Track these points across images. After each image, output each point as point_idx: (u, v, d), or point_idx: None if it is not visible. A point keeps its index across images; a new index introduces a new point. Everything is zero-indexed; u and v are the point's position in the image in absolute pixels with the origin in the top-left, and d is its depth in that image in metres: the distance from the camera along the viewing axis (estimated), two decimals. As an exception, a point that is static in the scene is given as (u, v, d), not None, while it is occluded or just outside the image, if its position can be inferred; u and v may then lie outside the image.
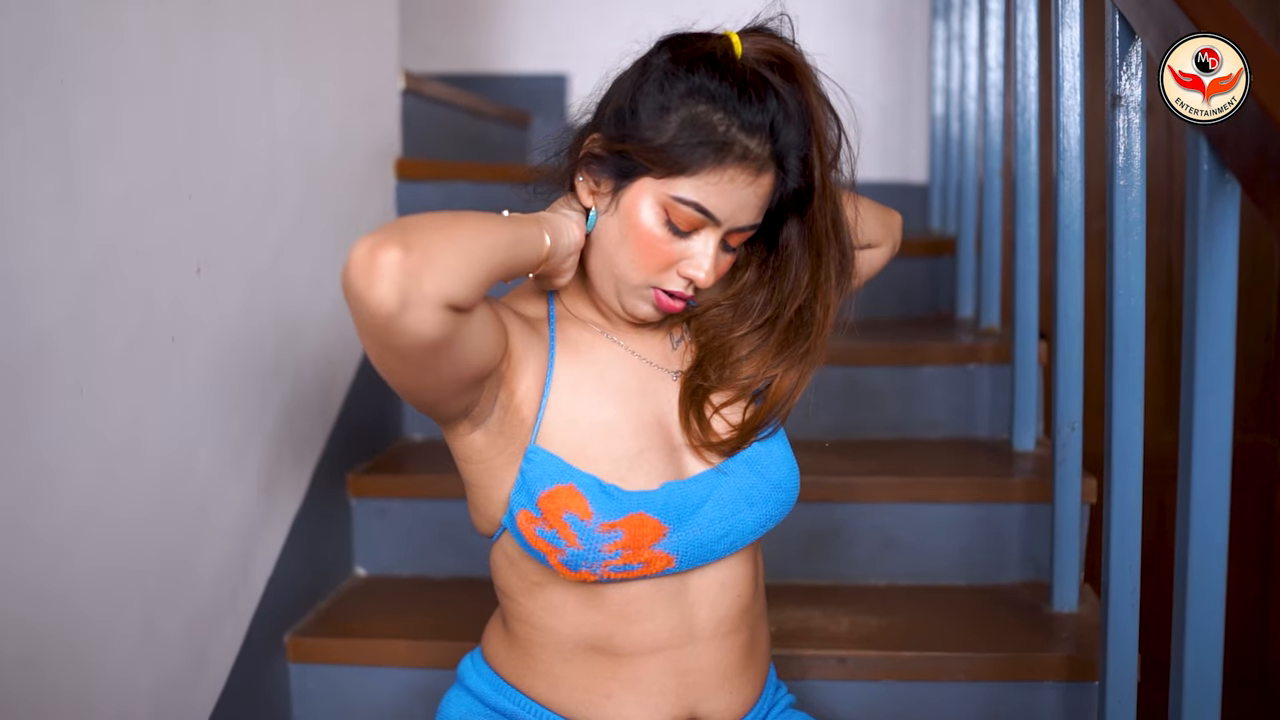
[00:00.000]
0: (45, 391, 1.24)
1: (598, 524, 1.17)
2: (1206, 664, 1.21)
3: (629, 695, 1.25)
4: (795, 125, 1.15)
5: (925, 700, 1.71)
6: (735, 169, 1.14)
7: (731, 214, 1.16)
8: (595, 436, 1.20)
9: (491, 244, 1.05)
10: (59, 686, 1.28)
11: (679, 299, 1.20)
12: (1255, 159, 1.03)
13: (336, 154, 2.05)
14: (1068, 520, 1.79)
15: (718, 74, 1.14)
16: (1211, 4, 1.18)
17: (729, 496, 1.23)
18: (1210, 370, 1.17)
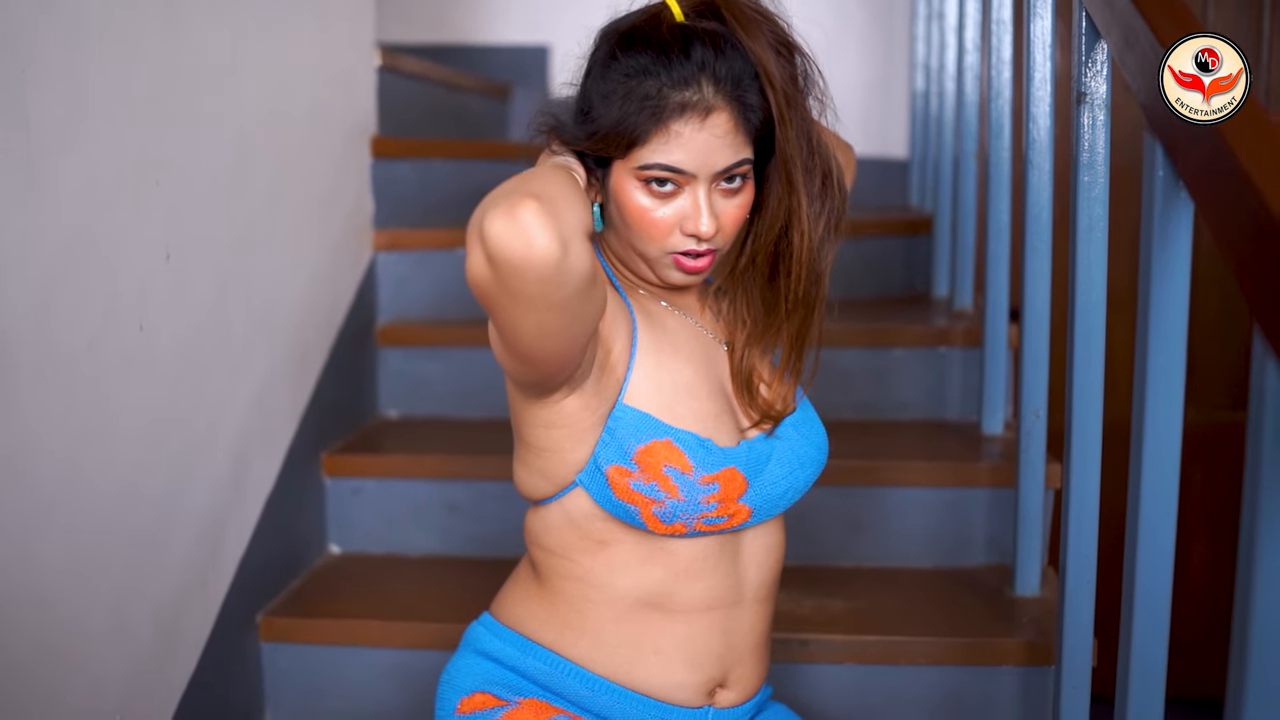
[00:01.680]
0: (10, 384, 1.25)
1: (698, 476, 1.22)
2: (1152, 643, 1.25)
3: (678, 654, 1.29)
4: (732, 61, 1.19)
5: (886, 683, 1.74)
6: (679, 123, 1.18)
7: (701, 162, 1.20)
8: (678, 397, 1.25)
9: (568, 181, 1.12)
10: (28, 672, 1.30)
11: (699, 256, 1.24)
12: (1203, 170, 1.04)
13: (310, 134, 2.05)
14: (1031, 506, 1.82)
15: (643, 46, 1.19)
16: (1172, 11, 1.19)
17: (787, 456, 1.30)
18: (1161, 372, 1.19)
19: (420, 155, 2.47)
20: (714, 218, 1.21)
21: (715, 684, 1.32)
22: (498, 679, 1.33)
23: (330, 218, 2.14)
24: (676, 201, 1.21)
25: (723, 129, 1.19)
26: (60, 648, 1.35)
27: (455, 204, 2.57)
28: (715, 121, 1.19)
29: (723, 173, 1.21)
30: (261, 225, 1.84)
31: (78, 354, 1.37)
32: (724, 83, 1.18)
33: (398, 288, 2.38)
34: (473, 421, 2.31)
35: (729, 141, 1.20)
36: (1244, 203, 0.91)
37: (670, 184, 1.20)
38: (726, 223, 1.23)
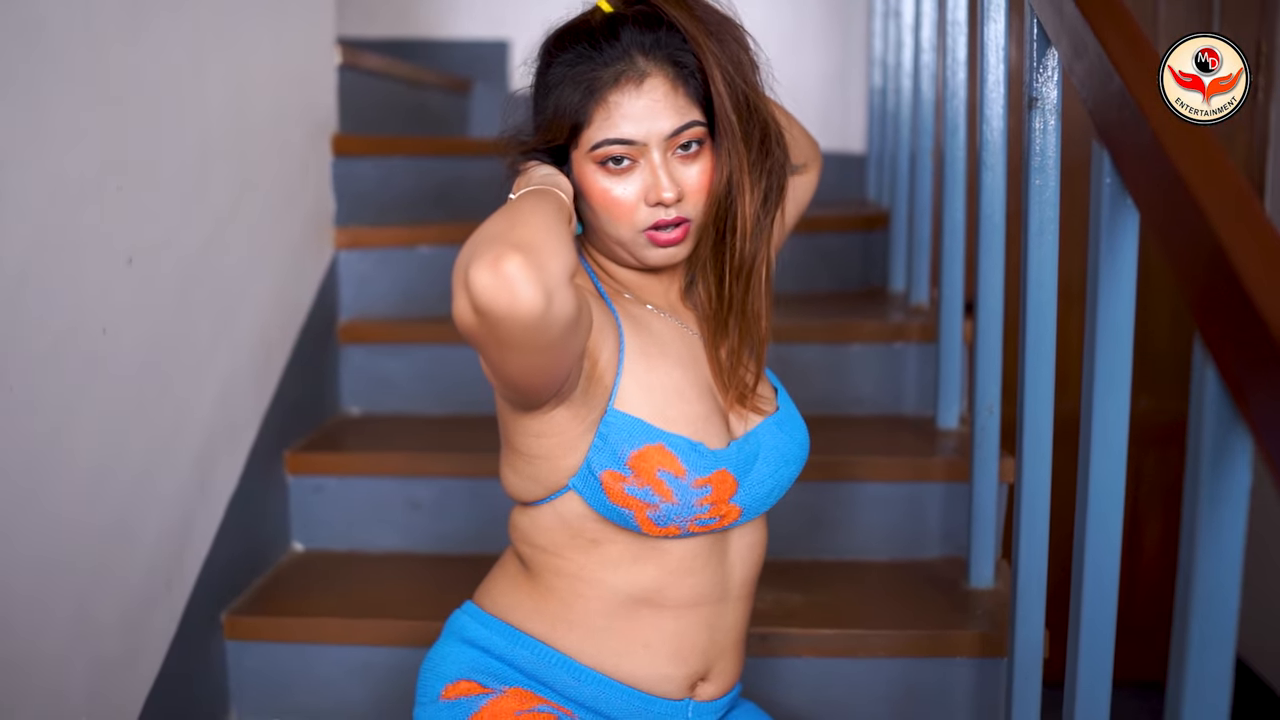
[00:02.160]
0: (-26, 391, 1.25)
1: (691, 480, 1.25)
2: (1100, 628, 1.28)
3: (665, 647, 1.32)
4: (660, 33, 1.24)
5: (843, 676, 1.77)
6: (615, 94, 1.23)
7: (647, 129, 1.24)
8: (669, 400, 1.27)
9: (554, 213, 1.12)
10: None
11: (670, 226, 1.26)
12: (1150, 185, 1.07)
13: (271, 133, 2.06)
14: (984, 501, 1.85)
15: (575, 39, 1.26)
16: (1119, 23, 1.22)
17: (772, 454, 1.33)
18: (1108, 371, 1.22)
19: (381, 153, 2.48)
20: (675, 183, 1.24)
21: (698, 677, 1.35)
22: (483, 667, 1.34)
23: (292, 217, 2.14)
24: (635, 176, 1.25)
25: (660, 92, 1.24)
26: (25, 649, 1.36)
27: (416, 201, 2.58)
28: (651, 85, 1.23)
29: (673, 136, 1.24)
30: (223, 226, 1.84)
31: (42, 358, 1.37)
32: (654, 50, 1.24)
33: (359, 285, 2.39)
34: (434, 418, 2.32)
35: (670, 104, 1.24)
36: (1189, 223, 0.94)
37: (625, 160, 1.24)
38: (690, 189, 1.26)
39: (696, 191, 1.27)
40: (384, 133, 2.66)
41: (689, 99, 1.25)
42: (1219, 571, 0.95)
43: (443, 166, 2.65)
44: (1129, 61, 1.14)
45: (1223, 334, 0.88)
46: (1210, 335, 0.91)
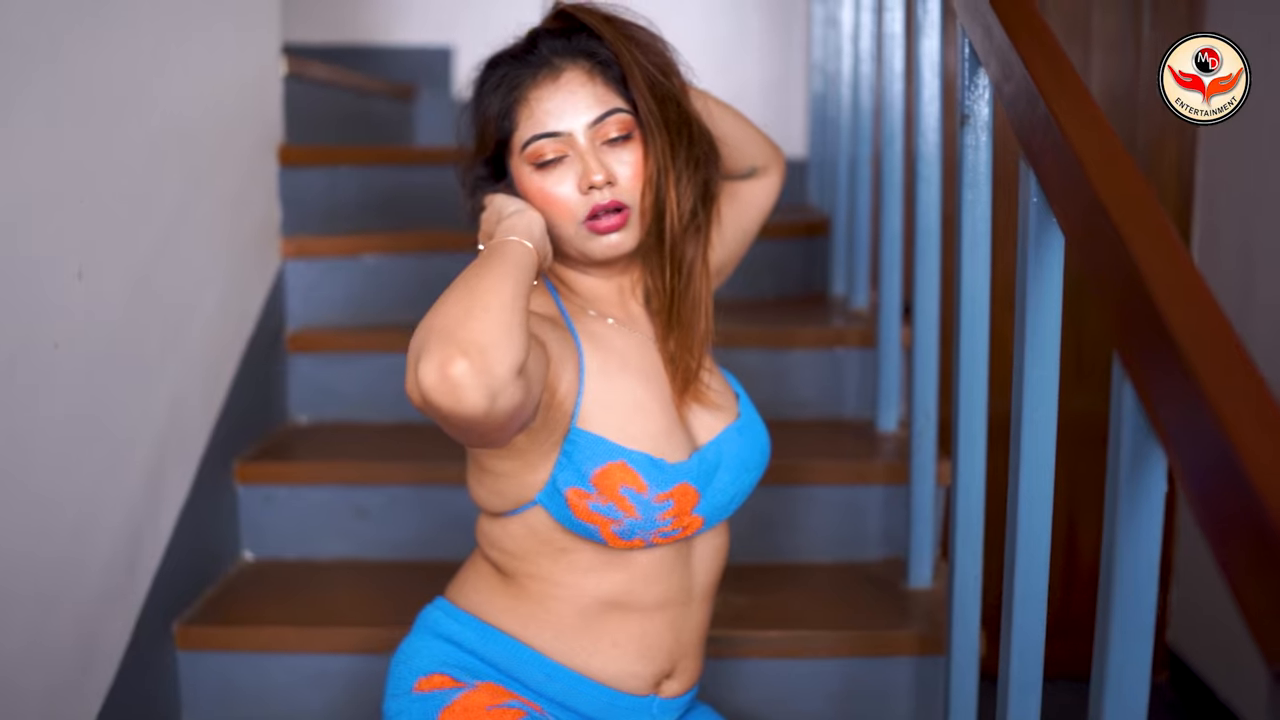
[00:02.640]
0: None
1: (653, 495, 1.30)
2: (1031, 622, 1.32)
3: (633, 647, 1.37)
4: (577, 38, 1.34)
5: (787, 676, 1.82)
6: (535, 92, 1.32)
7: (570, 120, 1.31)
8: (630, 417, 1.32)
9: (511, 292, 1.12)
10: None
11: (607, 211, 1.31)
12: (1072, 207, 1.12)
13: (219, 145, 2.07)
14: (922, 504, 1.91)
15: (499, 60, 1.37)
16: (1045, 48, 1.27)
17: (733, 462, 1.37)
18: (1037, 388, 1.28)
19: (327, 162, 2.49)
20: (603, 167, 1.30)
21: (664, 675, 1.41)
22: (455, 661, 1.38)
23: (239, 228, 2.16)
24: (567, 170, 1.31)
25: (577, 83, 1.32)
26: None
27: (362, 210, 2.59)
28: (568, 78, 1.32)
29: (595, 125, 1.31)
30: (173, 239, 1.85)
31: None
32: (568, 49, 1.33)
33: (306, 295, 2.40)
34: (382, 426, 2.34)
35: (589, 93, 1.32)
36: (1109, 248, 0.98)
37: (555, 155, 1.31)
38: (623, 175, 1.32)
39: (630, 178, 1.32)
40: (329, 140, 2.68)
41: (609, 89, 1.33)
42: (1138, 571, 1.00)
43: (388, 175, 2.67)
44: (1055, 89, 1.19)
45: (1139, 354, 0.93)
46: (1128, 354, 0.96)
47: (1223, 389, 0.81)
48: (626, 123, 1.33)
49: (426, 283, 2.48)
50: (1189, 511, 1.12)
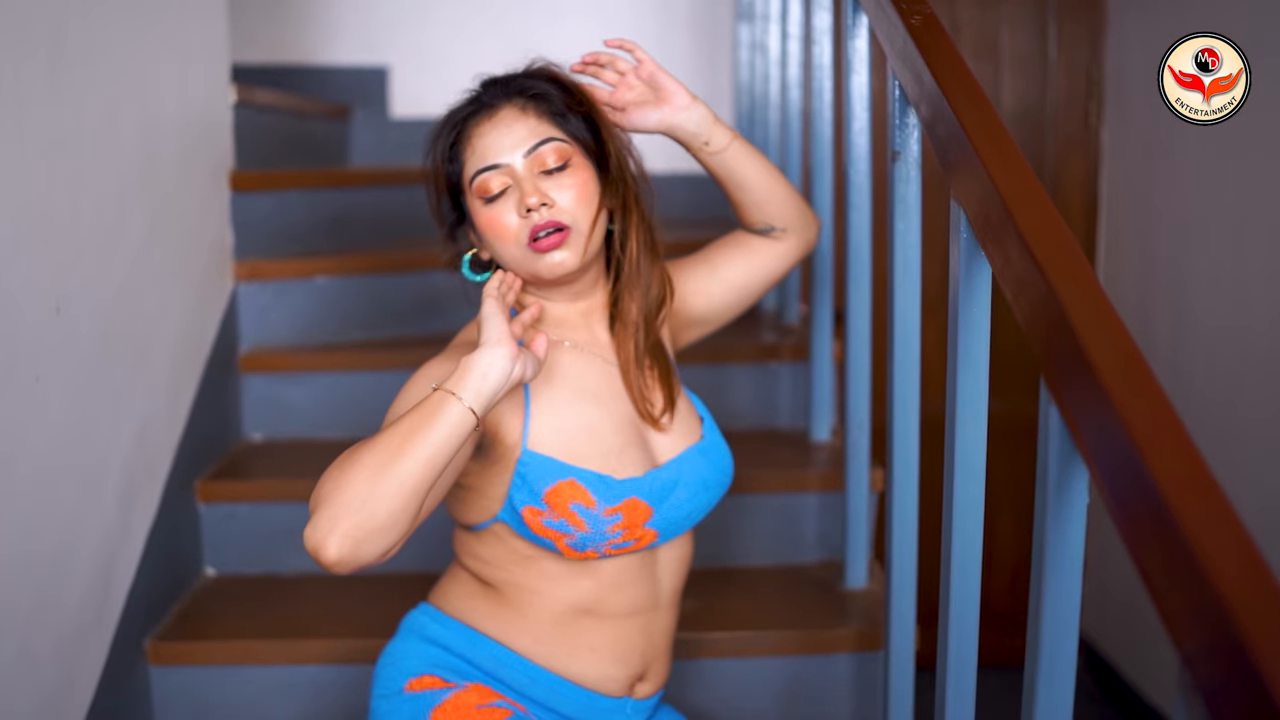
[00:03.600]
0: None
1: (601, 509, 1.40)
2: (964, 615, 1.44)
3: (608, 651, 1.48)
4: (514, 79, 1.47)
5: (732, 675, 1.93)
6: (474, 129, 1.44)
7: (508, 148, 1.42)
8: (580, 437, 1.42)
9: (423, 477, 1.21)
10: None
11: (548, 233, 1.41)
12: (999, 244, 1.25)
13: (178, 175, 2.13)
14: (857, 509, 2.04)
15: (450, 111, 1.50)
16: (972, 97, 1.39)
17: (692, 480, 1.48)
18: (968, 404, 1.40)
19: (275, 187, 2.56)
20: (539, 192, 1.40)
21: (637, 677, 1.51)
22: (444, 663, 1.47)
23: (196, 254, 2.22)
24: (509, 199, 1.41)
25: (513, 117, 1.43)
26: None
27: (310, 232, 2.66)
28: (503, 115, 1.43)
29: (530, 153, 1.41)
30: (137, 269, 1.92)
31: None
32: (501, 89, 1.45)
33: (259, 316, 2.47)
34: (334, 442, 2.41)
35: (524, 125, 1.43)
36: (1034, 283, 1.11)
37: (499, 189, 1.41)
38: (562, 199, 1.41)
39: (570, 200, 1.42)
40: (272, 162, 2.74)
41: (543, 121, 1.44)
42: (1064, 573, 1.13)
43: (333, 198, 2.74)
44: (984, 139, 1.31)
45: (1062, 379, 1.06)
46: (1053, 380, 1.08)
47: (1135, 412, 0.93)
48: (563, 151, 1.43)
49: (375, 302, 2.56)
50: (1102, 513, 1.24)
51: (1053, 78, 3.69)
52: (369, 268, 2.58)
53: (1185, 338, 3.16)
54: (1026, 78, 3.69)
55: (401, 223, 2.85)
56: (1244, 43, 1.51)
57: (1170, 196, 3.28)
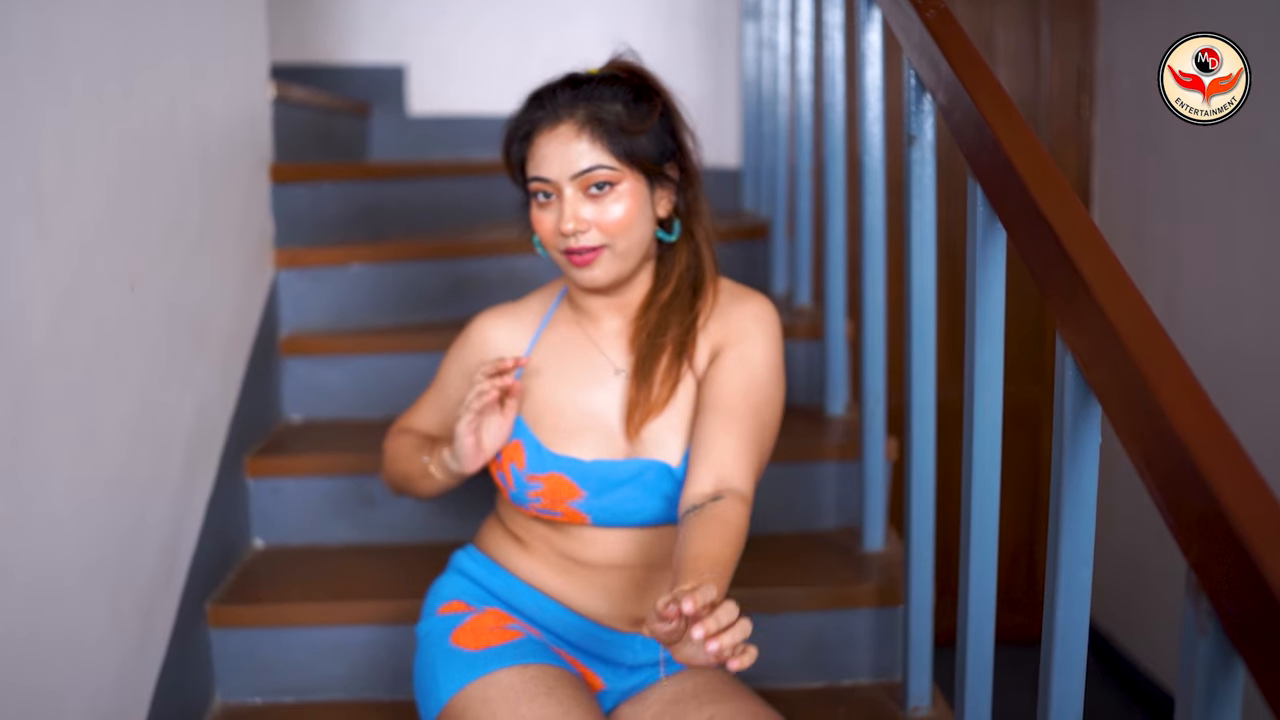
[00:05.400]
0: (33, 397, 1.44)
1: (525, 475, 1.57)
2: (983, 585, 1.56)
3: (598, 592, 1.63)
4: (587, 91, 1.54)
5: (762, 628, 2.04)
6: (537, 138, 1.53)
7: (560, 170, 1.51)
8: (544, 412, 1.61)
9: (418, 494, 1.77)
10: (51, 656, 1.49)
11: (581, 252, 1.53)
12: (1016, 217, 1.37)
13: (227, 169, 2.25)
14: (874, 476, 2.16)
15: (530, 98, 1.60)
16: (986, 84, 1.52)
17: (649, 485, 1.57)
18: (985, 370, 1.52)
19: (310, 179, 2.68)
20: (576, 218, 1.51)
21: (637, 620, 1.63)
22: (470, 592, 1.68)
23: (243, 242, 2.34)
24: (554, 209, 1.53)
25: (570, 135, 1.51)
26: (73, 641, 1.55)
27: (344, 222, 2.78)
28: (563, 130, 1.52)
29: (580, 176, 1.51)
30: (195, 255, 2.03)
31: (75, 383, 1.56)
32: (573, 105, 1.53)
33: (298, 302, 2.59)
34: (369, 422, 2.53)
35: (580, 148, 1.51)
36: (1048, 249, 1.23)
37: (547, 195, 1.53)
38: (604, 224, 1.52)
39: (610, 225, 1.52)
40: (303, 156, 2.86)
41: (597, 145, 1.51)
42: (1080, 503, 1.24)
43: (363, 189, 2.86)
44: (999, 118, 1.43)
45: (1076, 329, 1.18)
46: (1067, 330, 1.21)
47: (1145, 352, 1.06)
48: (612, 175, 1.52)
49: (405, 288, 2.68)
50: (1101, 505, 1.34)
51: (1045, 74, 3.82)
52: (400, 256, 2.70)
53: (1175, 325, 3.30)
54: (1020, 73, 3.83)
55: (426, 214, 2.98)
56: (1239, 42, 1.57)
57: (1160, 188, 3.41)
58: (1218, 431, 0.97)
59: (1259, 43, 2.69)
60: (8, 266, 1.39)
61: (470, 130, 3.53)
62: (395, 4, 3.68)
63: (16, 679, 1.41)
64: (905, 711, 1.93)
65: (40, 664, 1.47)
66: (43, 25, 1.47)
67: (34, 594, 1.45)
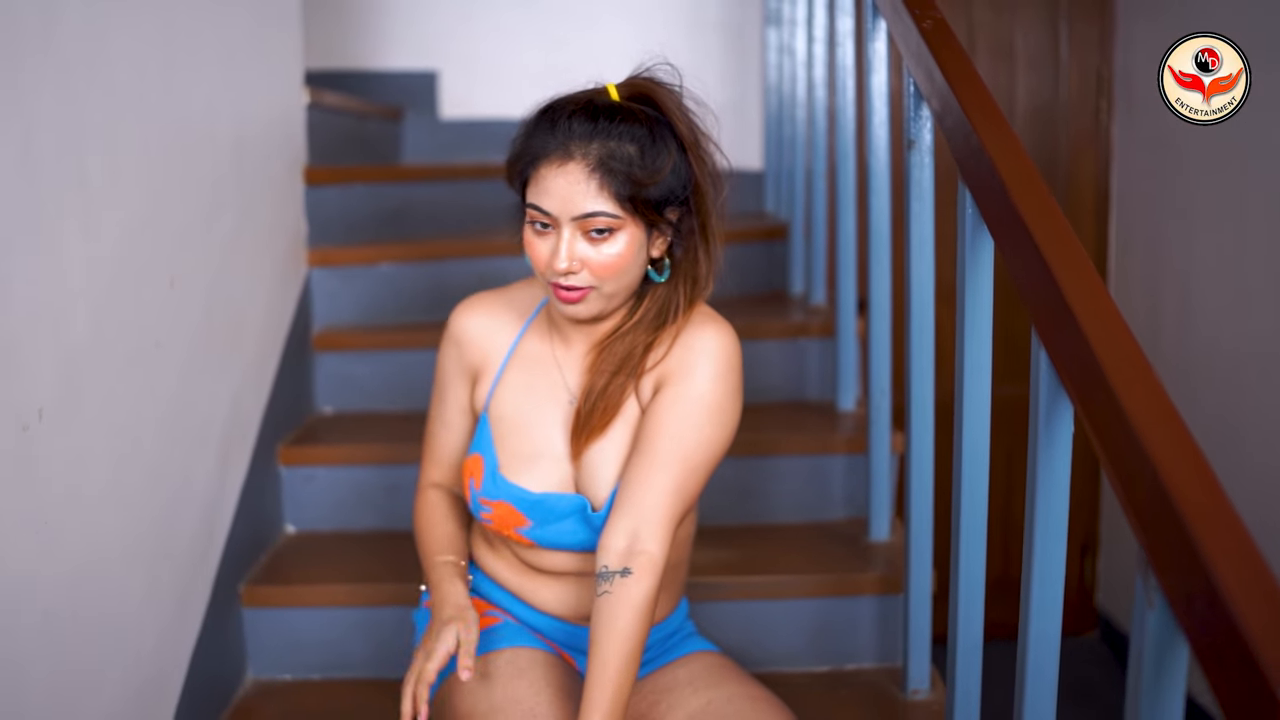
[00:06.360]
0: (79, 393, 1.55)
1: (480, 496, 1.62)
2: (973, 571, 1.65)
3: (554, 596, 1.68)
4: (607, 132, 1.47)
5: (771, 614, 2.14)
6: (546, 168, 1.47)
7: (560, 206, 1.46)
8: (509, 432, 1.63)
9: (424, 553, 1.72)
10: (94, 627, 1.60)
11: (569, 289, 1.50)
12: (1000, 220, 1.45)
13: (262, 170, 2.36)
14: (880, 468, 2.24)
15: (548, 113, 1.52)
16: (975, 92, 1.59)
17: (587, 519, 1.60)
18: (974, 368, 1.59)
19: (342, 181, 2.79)
20: (571, 258, 1.47)
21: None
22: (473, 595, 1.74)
23: (277, 241, 2.45)
24: (550, 239, 1.49)
25: (580, 176, 1.45)
26: (114, 618, 1.66)
27: (374, 222, 2.89)
28: (571, 169, 1.45)
29: (581, 218, 1.46)
30: (232, 253, 2.14)
31: (118, 370, 1.67)
32: (587, 142, 1.46)
33: (329, 299, 2.70)
34: (397, 414, 2.63)
35: (585, 190, 1.45)
36: (1027, 253, 1.31)
37: (545, 224, 1.48)
38: (596, 266, 1.48)
39: (601, 268, 1.48)
40: (336, 159, 2.97)
41: (603, 192, 1.46)
42: (1053, 489, 1.31)
43: (393, 191, 2.97)
44: (985, 125, 1.51)
45: (1050, 327, 1.26)
46: (1042, 328, 1.28)
47: (1108, 352, 1.13)
48: (610, 223, 1.47)
49: (433, 286, 2.78)
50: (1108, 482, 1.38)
51: (1064, 77, 3.88)
52: (427, 255, 2.80)
53: (1189, 324, 3.35)
54: (1040, 77, 3.89)
55: (454, 215, 3.08)
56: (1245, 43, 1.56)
57: (1177, 191, 3.46)
58: (1173, 426, 1.03)
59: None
60: (57, 262, 1.49)
61: (499, 134, 3.57)
62: (426, 12, 3.79)
63: (62, 646, 1.51)
64: (905, 695, 2.01)
65: (84, 634, 1.57)
66: (92, 30, 1.58)
67: (80, 566, 1.55)
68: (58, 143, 1.49)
